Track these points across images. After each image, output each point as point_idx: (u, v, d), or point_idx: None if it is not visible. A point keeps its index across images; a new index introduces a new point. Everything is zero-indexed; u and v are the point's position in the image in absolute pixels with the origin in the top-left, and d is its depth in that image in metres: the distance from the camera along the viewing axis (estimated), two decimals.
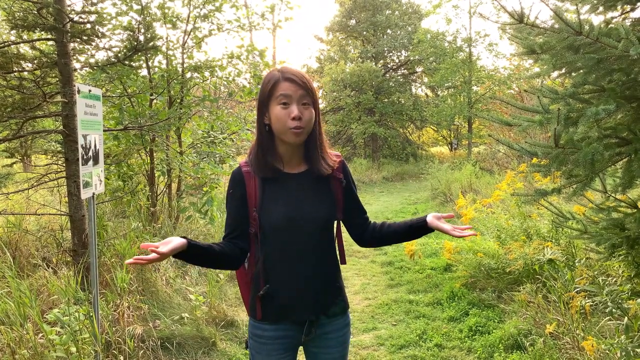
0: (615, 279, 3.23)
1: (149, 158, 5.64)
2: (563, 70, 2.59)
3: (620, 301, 2.89)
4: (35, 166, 6.31)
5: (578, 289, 3.35)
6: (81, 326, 2.85)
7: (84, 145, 2.90)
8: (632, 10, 2.77)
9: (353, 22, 22.10)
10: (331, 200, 1.70)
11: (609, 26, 2.41)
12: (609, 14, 2.78)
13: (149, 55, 5.33)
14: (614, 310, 2.85)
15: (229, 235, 1.67)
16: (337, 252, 1.78)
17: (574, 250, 4.01)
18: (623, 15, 2.79)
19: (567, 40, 2.26)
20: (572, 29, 2.21)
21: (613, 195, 2.83)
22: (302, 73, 1.62)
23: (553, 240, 4.30)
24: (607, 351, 2.73)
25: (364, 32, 21.79)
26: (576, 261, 3.76)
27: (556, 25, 2.34)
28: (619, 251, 2.85)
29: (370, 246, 1.87)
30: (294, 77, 1.57)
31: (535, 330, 3.51)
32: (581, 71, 2.45)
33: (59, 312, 2.88)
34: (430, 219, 1.69)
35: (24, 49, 4.79)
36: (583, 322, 3.19)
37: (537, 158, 2.58)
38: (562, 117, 2.23)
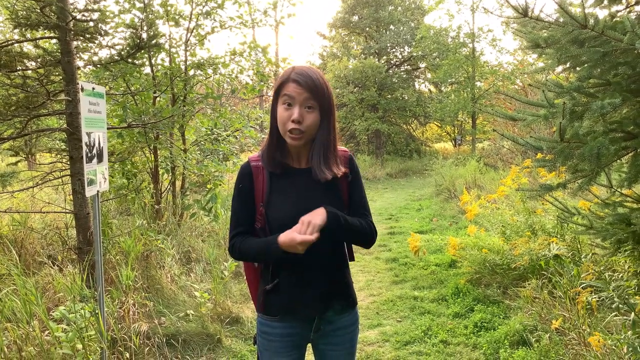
0: (621, 275, 3.22)
1: (152, 156, 5.65)
2: (568, 65, 2.58)
3: (626, 297, 2.87)
4: (39, 164, 6.34)
5: (584, 285, 3.33)
6: (87, 323, 2.86)
7: (88, 143, 2.90)
8: (637, 3, 2.74)
9: (356, 18, 22.05)
10: (338, 196, 1.69)
11: (614, 19, 2.39)
12: (614, 8, 2.75)
13: (152, 53, 5.33)
14: (620, 305, 2.84)
15: (246, 230, 1.67)
16: (346, 249, 1.77)
17: (579, 246, 3.99)
18: (628, 9, 2.76)
19: (572, 34, 2.24)
20: (577, 23, 2.19)
21: (619, 190, 2.81)
22: (313, 76, 1.56)
23: (558, 236, 4.28)
24: (613, 347, 2.71)
25: (367, 28, 21.74)
26: (582, 257, 3.74)
27: (561, 19, 2.32)
28: (624, 246, 2.83)
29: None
30: (301, 79, 1.54)
31: (540, 326, 3.50)
32: (586, 65, 2.43)
33: (64, 309, 2.88)
34: None
35: (28, 47, 4.80)
36: (589, 318, 3.18)
37: (542, 153, 2.57)
38: (567, 111, 2.21)
